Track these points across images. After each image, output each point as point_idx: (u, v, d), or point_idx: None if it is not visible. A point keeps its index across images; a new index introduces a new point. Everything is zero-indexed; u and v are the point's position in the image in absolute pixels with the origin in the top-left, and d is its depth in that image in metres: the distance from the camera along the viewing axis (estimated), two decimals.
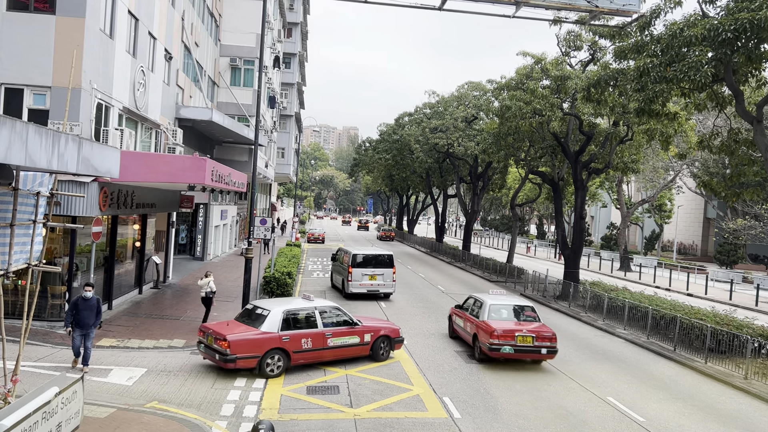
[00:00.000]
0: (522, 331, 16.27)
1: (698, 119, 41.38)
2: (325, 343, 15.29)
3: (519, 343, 16.09)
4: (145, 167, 16.99)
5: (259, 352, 14.14)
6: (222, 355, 13.78)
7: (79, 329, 13.62)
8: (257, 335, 14.28)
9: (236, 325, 14.74)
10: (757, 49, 16.70)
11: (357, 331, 15.96)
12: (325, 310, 15.84)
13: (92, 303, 13.74)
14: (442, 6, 14.96)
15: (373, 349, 16.26)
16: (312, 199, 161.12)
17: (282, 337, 14.49)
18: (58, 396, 8.06)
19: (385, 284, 26.63)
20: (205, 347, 14.42)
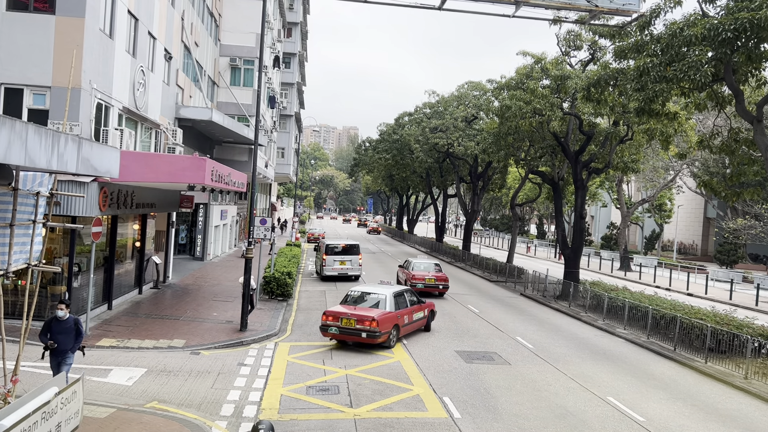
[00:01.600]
0: (429, 275, 27.56)
1: (698, 119, 41.36)
2: (411, 318, 19.17)
3: (428, 282, 27.20)
4: (145, 167, 16.99)
5: (389, 327, 17.59)
6: (370, 332, 17.00)
7: (53, 356, 11.24)
8: (387, 314, 17.72)
9: (359, 308, 18.02)
10: (757, 49, 16.68)
11: (423, 307, 20.26)
12: (407, 291, 19.94)
13: (68, 325, 11.33)
14: (442, 6, 14.95)
15: (428, 321, 20.52)
16: (312, 199, 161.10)
17: (397, 315, 18.22)
18: (57, 396, 8.06)
19: (353, 268, 32.46)
20: (340, 330, 17.38)
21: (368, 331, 17.02)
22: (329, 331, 17.78)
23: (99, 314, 19.30)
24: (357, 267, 32.47)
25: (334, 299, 26.17)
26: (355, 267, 32.41)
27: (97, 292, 19.25)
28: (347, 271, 32.13)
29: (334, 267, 31.85)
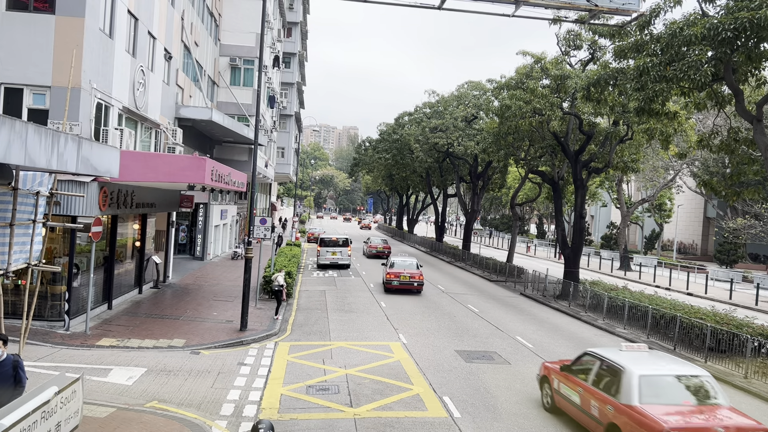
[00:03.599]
0: (404, 273, 29.27)
1: (698, 118, 41.37)
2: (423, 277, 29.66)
3: (403, 280, 29.10)
4: (145, 167, 16.99)
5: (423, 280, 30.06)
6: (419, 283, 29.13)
7: None
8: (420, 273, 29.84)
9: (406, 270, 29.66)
10: (756, 48, 16.68)
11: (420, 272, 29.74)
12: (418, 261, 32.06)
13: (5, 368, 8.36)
14: (442, 5, 14.94)
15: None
16: (312, 198, 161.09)
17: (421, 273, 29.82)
18: (57, 395, 8.06)
19: (342, 258, 37.81)
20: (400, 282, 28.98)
21: (417, 282, 28.83)
22: (392, 284, 28.79)
23: (99, 314, 19.31)
24: (347, 257, 38.08)
25: (334, 299, 26.21)
26: (345, 257, 37.93)
27: (97, 292, 19.25)
28: (338, 260, 37.72)
29: (327, 257, 37.73)
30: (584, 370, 11.70)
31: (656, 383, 10.31)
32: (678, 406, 9.85)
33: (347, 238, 39.66)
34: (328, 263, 37.74)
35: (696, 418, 9.53)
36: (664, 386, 10.35)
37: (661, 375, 10.60)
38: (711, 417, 9.59)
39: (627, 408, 9.93)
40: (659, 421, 9.21)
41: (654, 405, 9.76)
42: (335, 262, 37.75)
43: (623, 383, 10.28)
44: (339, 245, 38.33)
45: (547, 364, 13.31)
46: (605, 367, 11.09)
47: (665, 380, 10.50)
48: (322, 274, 34.89)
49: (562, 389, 12.16)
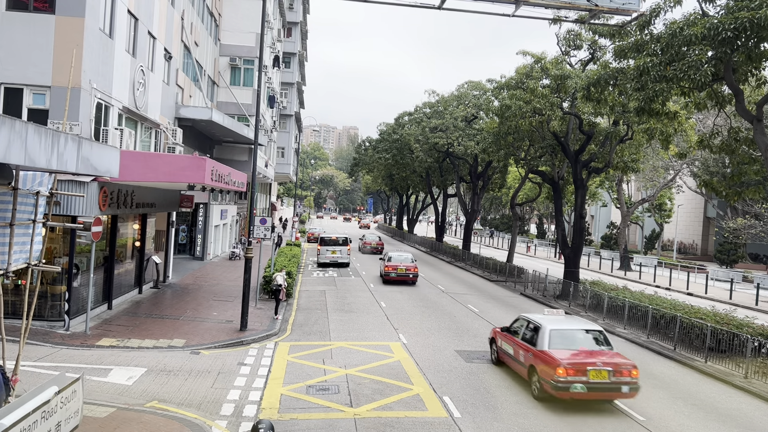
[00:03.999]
0: (400, 266, 32.55)
1: (698, 118, 41.35)
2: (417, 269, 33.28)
3: (399, 272, 32.20)
4: (145, 167, 16.99)
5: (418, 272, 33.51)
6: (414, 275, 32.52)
7: None
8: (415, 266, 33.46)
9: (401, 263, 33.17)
10: (757, 48, 16.67)
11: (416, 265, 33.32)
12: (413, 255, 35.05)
13: None
14: (442, 5, 14.94)
15: None
16: (312, 198, 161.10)
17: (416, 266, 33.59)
18: (57, 395, 8.05)
19: (342, 256, 38.80)
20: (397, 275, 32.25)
21: (412, 274, 32.29)
22: (390, 275, 32.07)
23: (99, 314, 19.31)
24: (346, 256, 39.04)
25: (334, 299, 26.21)
26: (345, 256, 38.93)
27: (97, 292, 19.25)
28: (337, 259, 38.76)
29: (327, 256, 38.81)
30: (516, 330, 15.52)
31: (562, 335, 14.01)
32: (575, 350, 13.57)
33: (347, 237, 40.75)
34: (329, 262, 38.83)
35: (585, 358, 13.23)
36: (567, 337, 14.02)
37: (567, 329, 14.33)
38: (596, 357, 13.33)
39: (540, 352, 13.67)
40: (558, 359, 13.00)
41: (559, 350, 13.50)
42: (335, 260, 38.79)
43: (539, 335, 14.08)
44: (339, 244, 39.32)
45: (494, 329, 17.10)
46: (530, 326, 14.79)
47: (569, 333, 14.19)
48: (322, 274, 34.91)
49: (502, 345, 16.02)
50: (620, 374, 12.98)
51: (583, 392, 12.74)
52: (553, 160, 33.94)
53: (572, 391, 12.70)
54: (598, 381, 12.86)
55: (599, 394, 13.03)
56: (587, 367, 12.88)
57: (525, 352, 14.38)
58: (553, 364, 12.98)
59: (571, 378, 12.76)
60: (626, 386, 12.94)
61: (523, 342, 14.73)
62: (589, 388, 12.76)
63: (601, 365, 12.94)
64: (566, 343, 13.80)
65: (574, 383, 12.72)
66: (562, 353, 13.30)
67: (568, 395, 12.82)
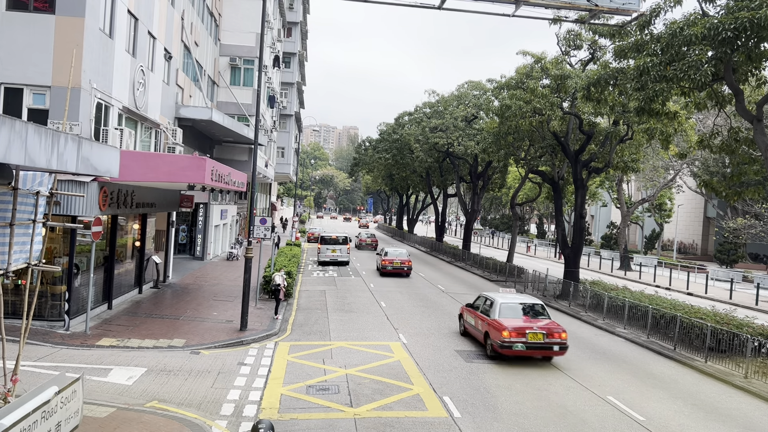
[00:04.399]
0: (396, 260, 35.97)
1: (698, 118, 41.37)
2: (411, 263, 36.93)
3: (395, 265, 35.65)
4: (145, 167, 16.99)
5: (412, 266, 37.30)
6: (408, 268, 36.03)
7: None
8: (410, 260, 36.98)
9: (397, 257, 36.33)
10: (757, 48, 16.68)
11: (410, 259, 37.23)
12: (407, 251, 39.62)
13: None
14: (442, 5, 14.94)
15: None
16: (312, 198, 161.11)
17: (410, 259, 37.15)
18: (57, 395, 8.06)
19: (342, 255, 39.76)
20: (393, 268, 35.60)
21: (407, 267, 35.79)
22: (387, 268, 35.49)
23: (99, 314, 19.31)
24: (346, 254, 40.07)
25: (334, 299, 26.21)
26: (344, 254, 39.95)
27: (97, 292, 19.26)
28: (337, 257, 39.72)
29: (327, 254, 39.75)
30: (478, 305, 18.90)
31: (509, 307, 17.57)
32: (519, 319, 17.08)
33: (347, 236, 41.96)
34: (329, 260, 39.83)
35: (525, 324, 16.66)
36: (514, 309, 17.58)
37: (513, 303, 17.87)
38: (534, 323, 16.77)
39: (493, 321, 17.09)
40: (505, 325, 16.49)
41: (506, 318, 16.95)
42: (335, 258, 39.79)
43: (492, 308, 17.64)
44: (339, 243, 40.41)
45: (462, 306, 20.73)
46: (487, 301, 18.34)
47: (515, 306, 17.72)
48: (322, 274, 34.91)
49: (467, 318, 19.54)
50: (552, 336, 16.35)
51: (523, 350, 16.24)
52: (553, 160, 33.95)
53: (514, 349, 16.15)
54: (534, 341, 16.31)
55: (535, 351, 16.44)
56: (526, 331, 16.34)
57: (482, 322, 17.81)
58: (501, 328, 16.44)
59: (514, 339, 16.21)
60: (557, 346, 16.46)
61: (481, 314, 18.16)
62: (527, 346, 16.23)
63: (537, 329, 16.39)
64: (512, 313, 17.30)
65: (516, 343, 16.17)
66: (509, 321, 16.73)
67: (512, 352, 16.20)
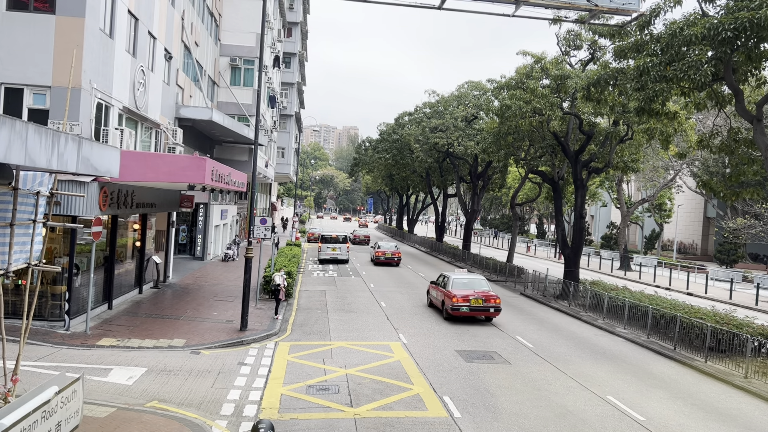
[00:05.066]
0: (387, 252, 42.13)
1: (698, 118, 41.37)
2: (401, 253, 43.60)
3: (387, 256, 41.68)
4: (145, 167, 16.99)
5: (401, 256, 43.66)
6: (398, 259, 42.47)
7: None
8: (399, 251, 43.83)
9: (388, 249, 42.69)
10: (756, 48, 16.68)
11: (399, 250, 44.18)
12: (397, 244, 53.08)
13: None
14: (442, 5, 14.95)
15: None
16: (312, 198, 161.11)
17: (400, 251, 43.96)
18: (57, 395, 8.07)
19: (341, 253, 41.38)
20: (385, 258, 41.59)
21: (397, 258, 41.63)
22: (380, 259, 41.33)
23: (99, 314, 19.32)
24: (345, 252, 41.64)
25: (334, 299, 26.22)
26: (344, 252, 41.52)
27: (97, 292, 19.26)
28: (337, 255, 41.27)
29: (327, 252, 41.30)
30: (439, 282, 24.40)
31: (460, 282, 23.11)
32: (466, 290, 22.37)
33: (346, 235, 43.32)
34: (329, 258, 41.26)
35: (469, 293, 22.11)
36: (464, 282, 23.12)
37: (463, 278, 23.63)
38: (476, 293, 22.18)
39: (447, 291, 22.53)
40: (455, 293, 21.97)
41: (457, 289, 22.37)
42: (335, 257, 41.23)
43: (448, 282, 23.16)
44: (339, 242, 41.75)
45: (429, 283, 26.18)
46: (445, 278, 23.81)
47: (464, 281, 23.29)
48: (322, 274, 34.91)
49: (431, 293, 25.16)
50: (488, 301, 22.04)
51: (467, 311, 21.96)
52: (553, 160, 33.96)
53: (461, 310, 21.89)
54: (476, 305, 21.96)
55: (477, 312, 22.04)
56: (470, 297, 21.97)
57: (441, 293, 23.34)
58: (452, 296, 22.02)
59: (461, 303, 21.87)
60: (492, 308, 22.05)
61: (441, 287, 23.59)
62: (470, 309, 21.93)
63: (478, 296, 22.01)
64: (461, 286, 22.73)
65: (462, 306, 21.86)
66: (458, 291, 22.22)
67: (459, 313, 21.92)
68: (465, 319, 22.38)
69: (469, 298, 21.84)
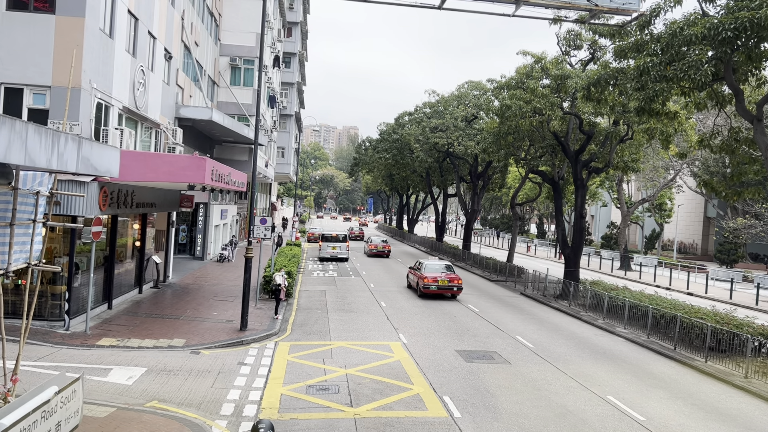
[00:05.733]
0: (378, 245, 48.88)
1: (698, 118, 41.35)
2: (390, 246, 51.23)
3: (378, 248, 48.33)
4: (145, 167, 16.99)
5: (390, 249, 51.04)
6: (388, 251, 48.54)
7: None
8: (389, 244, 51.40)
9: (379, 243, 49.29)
10: (757, 48, 16.68)
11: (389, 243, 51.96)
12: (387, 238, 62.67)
13: None
14: (442, 5, 14.94)
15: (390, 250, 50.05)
16: (312, 198, 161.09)
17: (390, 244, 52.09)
18: (57, 395, 8.06)
19: (341, 252, 42.65)
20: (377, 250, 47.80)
21: (387, 251, 47.82)
22: (372, 251, 47.36)
23: (99, 314, 19.31)
24: (345, 251, 42.97)
25: (334, 299, 26.23)
26: (344, 251, 42.85)
27: (97, 292, 19.26)
28: (337, 254, 42.57)
29: (328, 251, 42.57)
30: (415, 267, 29.87)
31: (431, 267, 28.65)
32: (436, 273, 27.96)
33: (346, 234, 44.83)
34: (329, 256, 42.62)
35: (438, 275, 27.74)
36: (433, 267, 28.65)
37: (434, 264, 29.15)
38: (443, 275, 27.80)
39: (421, 274, 27.94)
40: (426, 275, 27.54)
41: (428, 272, 27.89)
42: (335, 255, 42.54)
43: (421, 267, 28.68)
44: (339, 241, 43.03)
45: (408, 268, 32.35)
46: (420, 264, 29.31)
47: (434, 266, 28.88)
48: (322, 274, 34.90)
49: (409, 276, 30.65)
50: (452, 281, 27.63)
51: (436, 290, 27.35)
52: (553, 160, 33.95)
53: (431, 289, 27.25)
54: (442, 285, 27.47)
55: (443, 290, 27.49)
56: (437, 278, 27.54)
57: (416, 276, 28.87)
58: (424, 278, 27.53)
59: (430, 283, 27.31)
60: (455, 287, 27.64)
61: (416, 272, 29.16)
62: (438, 288, 27.34)
63: (445, 278, 27.65)
64: (432, 270, 28.31)
65: (431, 285, 27.27)
66: (429, 274, 27.81)
67: (430, 291, 27.30)
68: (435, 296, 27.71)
69: (438, 279, 27.53)
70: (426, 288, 27.13)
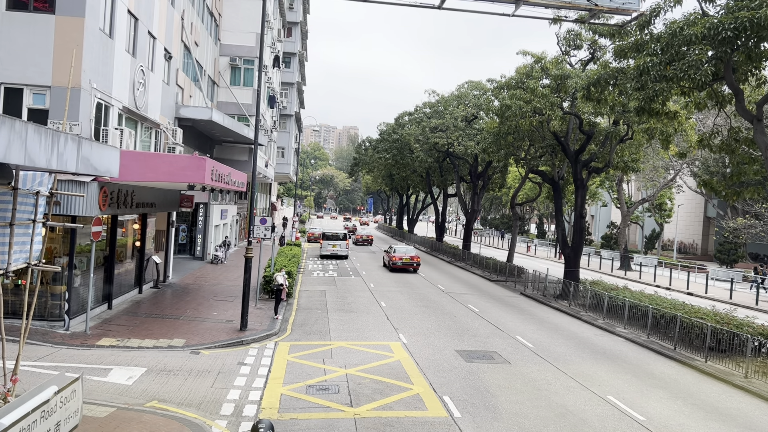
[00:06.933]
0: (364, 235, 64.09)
1: (698, 118, 41.34)
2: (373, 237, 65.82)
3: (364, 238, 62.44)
4: (145, 167, 16.98)
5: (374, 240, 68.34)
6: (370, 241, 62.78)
7: None
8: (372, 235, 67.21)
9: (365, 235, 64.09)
10: (757, 48, 16.68)
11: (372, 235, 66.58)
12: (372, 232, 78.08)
13: None
14: (442, 5, 14.94)
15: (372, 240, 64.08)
16: (312, 198, 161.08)
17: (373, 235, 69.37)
18: (57, 395, 8.06)
19: (341, 250, 44.38)
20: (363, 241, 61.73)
21: (370, 241, 62.34)
22: (358, 242, 60.89)
23: (99, 314, 19.31)
24: (345, 249, 44.72)
25: (334, 299, 26.23)
26: (344, 249, 44.61)
27: (97, 292, 19.25)
28: (337, 252, 44.24)
29: (328, 249, 44.20)
30: (388, 250, 40.52)
31: (400, 250, 39.95)
32: (402, 253, 39.03)
33: (346, 233, 46.76)
34: (329, 254, 44.38)
35: (403, 254, 38.80)
36: (402, 250, 39.78)
37: (402, 248, 40.85)
38: (407, 255, 38.65)
39: (392, 255, 39.03)
40: (395, 256, 38.61)
41: (396, 253, 39.06)
42: (335, 253, 44.26)
43: (392, 250, 39.98)
44: (339, 239, 44.79)
45: (384, 251, 43.53)
46: (393, 247, 40.55)
47: (402, 249, 40.21)
48: (322, 274, 34.90)
49: (384, 257, 41.15)
50: (413, 260, 38.02)
51: (401, 265, 37.54)
52: (553, 160, 33.94)
53: (398, 264, 37.45)
54: (406, 262, 37.77)
55: (406, 266, 37.64)
56: (402, 257, 37.89)
57: (388, 256, 38.51)
58: (394, 257, 37.75)
59: (398, 261, 37.70)
60: (415, 264, 37.96)
61: (389, 253, 38.53)
62: (402, 264, 37.57)
63: (407, 257, 37.76)
64: (401, 252, 38.51)
65: (398, 261, 37.60)
66: (398, 254, 38.00)
67: (397, 267, 37.30)
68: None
69: (402, 258, 37.88)
70: (394, 264, 37.73)
